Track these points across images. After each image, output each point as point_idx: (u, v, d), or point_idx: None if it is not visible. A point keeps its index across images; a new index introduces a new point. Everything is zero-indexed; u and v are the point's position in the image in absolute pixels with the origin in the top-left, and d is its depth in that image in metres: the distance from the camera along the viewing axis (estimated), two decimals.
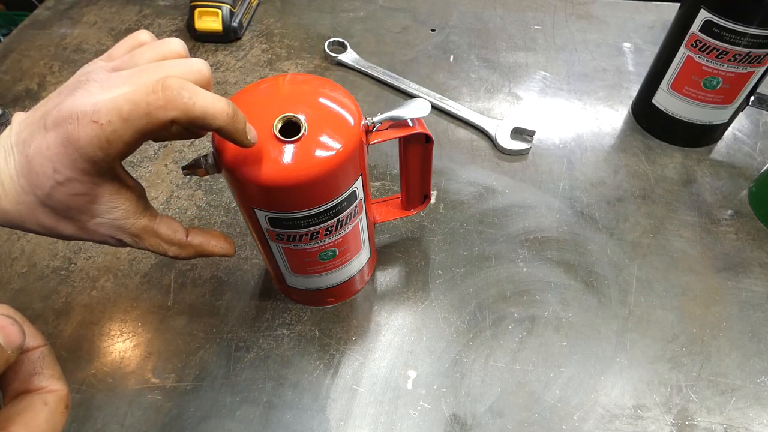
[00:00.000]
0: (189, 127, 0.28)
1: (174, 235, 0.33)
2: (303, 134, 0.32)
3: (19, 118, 0.29)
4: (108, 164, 0.28)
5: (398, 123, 0.38)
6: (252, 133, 0.30)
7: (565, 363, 0.44)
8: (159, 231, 0.32)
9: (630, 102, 0.66)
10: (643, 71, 0.62)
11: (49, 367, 0.23)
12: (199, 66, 0.30)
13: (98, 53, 0.72)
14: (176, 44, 0.31)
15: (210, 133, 0.35)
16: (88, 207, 0.29)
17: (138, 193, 0.31)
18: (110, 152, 0.27)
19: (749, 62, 0.50)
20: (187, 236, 0.34)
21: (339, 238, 0.39)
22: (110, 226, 0.30)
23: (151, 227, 0.32)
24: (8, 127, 0.29)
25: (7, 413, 0.22)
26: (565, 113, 0.65)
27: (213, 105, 0.27)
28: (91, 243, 0.51)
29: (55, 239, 0.52)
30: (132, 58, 0.30)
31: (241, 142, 0.29)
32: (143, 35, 0.32)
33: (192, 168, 0.35)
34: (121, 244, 0.32)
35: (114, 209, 0.30)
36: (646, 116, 0.62)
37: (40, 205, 0.28)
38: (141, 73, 0.28)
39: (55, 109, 0.27)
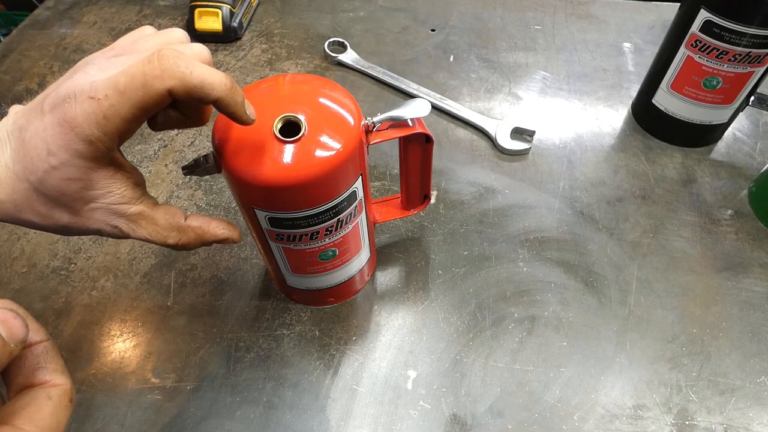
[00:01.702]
0: (187, 100, 0.27)
1: (172, 219, 0.32)
2: (303, 134, 0.32)
3: (16, 108, 0.29)
4: (105, 146, 0.27)
5: (398, 123, 0.38)
6: (251, 110, 0.30)
7: (565, 363, 0.44)
8: (156, 217, 0.31)
9: (630, 102, 0.66)
10: (643, 71, 0.62)
11: (52, 362, 0.23)
12: (200, 49, 0.29)
13: None
14: (179, 33, 0.31)
15: (210, 134, 0.35)
16: (82, 193, 0.28)
17: (135, 179, 0.31)
18: (107, 130, 0.26)
19: (749, 62, 0.50)
20: (185, 220, 0.33)
21: (339, 238, 0.39)
22: (105, 211, 0.30)
23: (148, 213, 0.31)
24: (5, 118, 0.29)
25: (12, 407, 0.22)
26: (565, 113, 0.65)
27: (211, 75, 0.27)
28: (91, 242, 0.51)
29: (55, 238, 0.52)
30: (134, 45, 0.30)
31: (240, 116, 0.29)
32: (147, 29, 0.31)
33: (192, 168, 0.35)
34: (118, 232, 0.31)
35: (109, 193, 0.29)
36: (646, 116, 0.62)
37: (34, 192, 0.28)
38: (140, 57, 0.28)
39: (53, 92, 0.27)
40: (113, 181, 0.29)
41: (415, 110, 0.38)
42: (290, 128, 0.32)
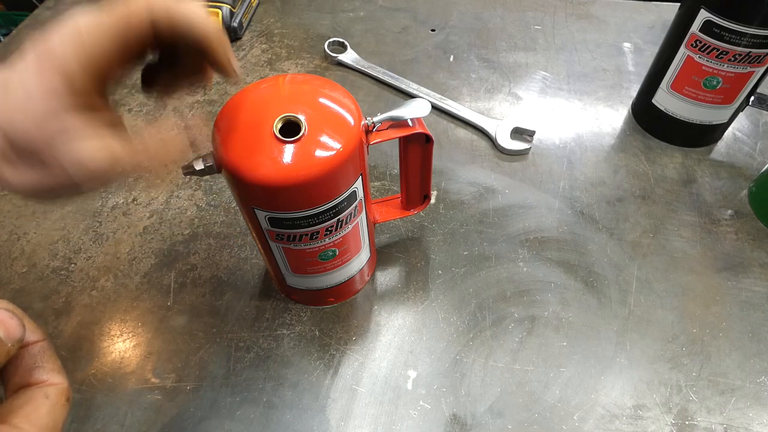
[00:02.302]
0: (172, 40, 0.26)
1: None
2: (303, 134, 0.32)
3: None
4: (83, 87, 0.25)
5: (398, 123, 0.38)
6: (237, 64, 0.28)
7: (565, 363, 0.44)
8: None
9: (630, 102, 0.66)
10: (643, 71, 0.62)
11: (49, 361, 0.23)
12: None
13: None
14: None
15: (210, 133, 0.35)
16: (53, 141, 0.26)
17: (111, 118, 0.28)
18: (86, 63, 0.25)
19: (749, 62, 0.50)
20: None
21: (339, 238, 0.39)
22: (72, 161, 0.26)
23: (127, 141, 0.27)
24: None
25: (9, 407, 0.22)
26: (565, 113, 0.65)
27: (198, 11, 0.26)
28: (91, 242, 0.51)
29: (55, 238, 0.52)
30: None
31: (226, 66, 0.28)
32: None
33: (192, 168, 0.35)
34: (95, 180, 0.27)
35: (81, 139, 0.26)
36: (646, 116, 0.62)
37: (6, 140, 0.25)
38: None
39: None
40: (89, 128, 0.26)
41: (415, 110, 0.38)
42: (290, 128, 0.32)
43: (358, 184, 0.36)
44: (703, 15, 0.50)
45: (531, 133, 0.60)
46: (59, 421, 0.22)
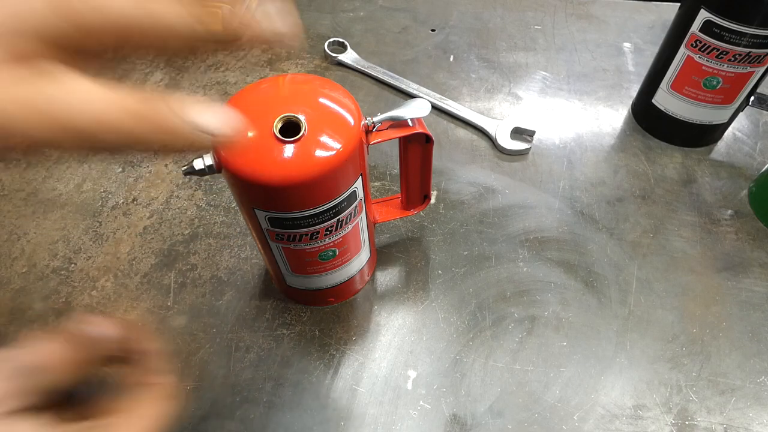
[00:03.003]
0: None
1: None
2: (303, 134, 0.32)
3: None
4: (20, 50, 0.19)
5: (398, 123, 0.38)
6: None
7: (565, 363, 0.44)
8: None
9: (630, 102, 0.66)
10: (643, 71, 0.62)
11: (158, 364, 0.28)
12: None
13: None
14: None
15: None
16: None
17: None
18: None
19: (749, 62, 0.50)
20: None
21: (339, 238, 0.39)
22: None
23: None
24: None
25: (123, 401, 0.26)
26: (565, 113, 0.65)
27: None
28: (91, 242, 0.51)
29: (55, 238, 0.52)
30: None
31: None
32: None
33: (192, 168, 0.35)
34: None
35: None
36: (646, 116, 0.62)
37: None
38: None
39: None
40: None
41: (415, 110, 0.38)
42: (290, 128, 0.32)
43: (358, 184, 0.36)
44: (703, 15, 0.50)
45: (531, 133, 0.60)
46: (164, 414, 0.26)
